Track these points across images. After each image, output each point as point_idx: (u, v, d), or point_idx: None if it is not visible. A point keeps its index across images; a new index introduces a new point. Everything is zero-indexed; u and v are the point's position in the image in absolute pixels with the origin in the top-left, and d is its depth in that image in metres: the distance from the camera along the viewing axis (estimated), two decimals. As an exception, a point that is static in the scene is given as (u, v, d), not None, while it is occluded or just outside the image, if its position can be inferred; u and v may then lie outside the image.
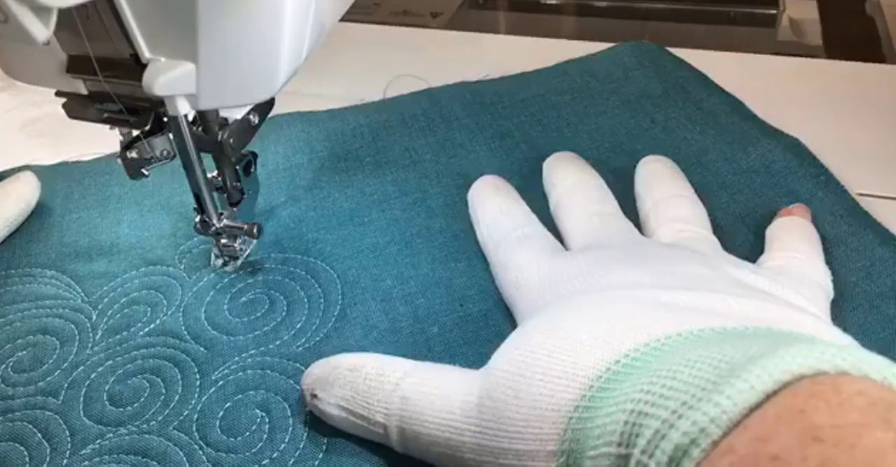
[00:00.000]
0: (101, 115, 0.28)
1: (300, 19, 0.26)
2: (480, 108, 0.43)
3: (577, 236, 0.31)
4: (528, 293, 0.28)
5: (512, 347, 0.24)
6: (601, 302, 0.24)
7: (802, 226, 0.32)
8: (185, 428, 0.28)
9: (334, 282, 0.34)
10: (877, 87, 0.45)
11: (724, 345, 0.18)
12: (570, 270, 0.27)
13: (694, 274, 0.26)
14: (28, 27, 0.20)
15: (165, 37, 0.25)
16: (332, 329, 0.32)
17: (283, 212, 0.38)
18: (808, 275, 0.29)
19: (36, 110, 0.48)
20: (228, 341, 0.32)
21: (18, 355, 0.32)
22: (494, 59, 0.47)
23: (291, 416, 0.28)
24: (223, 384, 0.30)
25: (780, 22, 0.58)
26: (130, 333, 0.32)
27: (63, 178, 0.41)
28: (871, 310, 0.30)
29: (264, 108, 0.32)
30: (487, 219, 0.33)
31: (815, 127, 0.39)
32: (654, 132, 0.41)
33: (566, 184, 0.34)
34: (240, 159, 0.33)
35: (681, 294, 0.23)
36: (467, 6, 0.65)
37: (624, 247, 0.29)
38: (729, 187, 0.36)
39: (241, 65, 0.26)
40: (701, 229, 0.31)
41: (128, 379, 0.30)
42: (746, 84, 0.43)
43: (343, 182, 0.39)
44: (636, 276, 0.25)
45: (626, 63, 0.46)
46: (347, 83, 0.47)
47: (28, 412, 0.30)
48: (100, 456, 0.28)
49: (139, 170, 0.31)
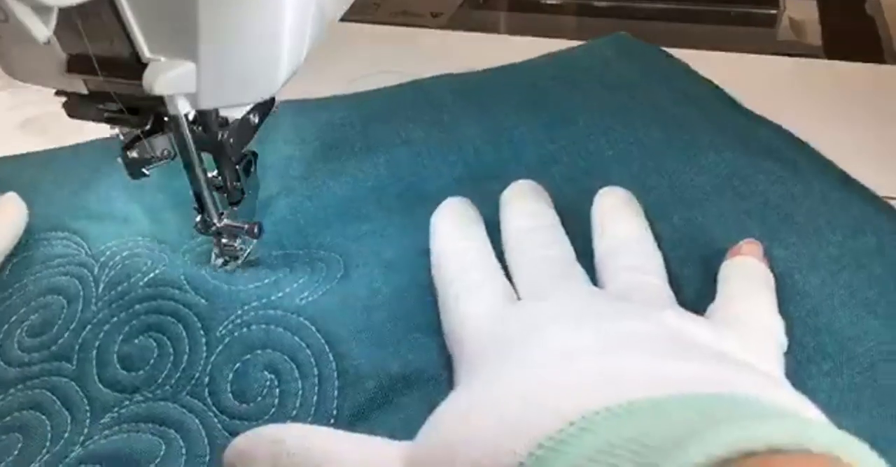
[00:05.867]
0: (101, 114, 0.28)
1: (300, 19, 0.26)
2: (466, 93, 0.43)
3: (523, 284, 0.30)
4: (468, 346, 0.27)
5: (438, 423, 0.23)
6: (527, 375, 0.23)
7: (752, 269, 0.30)
8: (197, 393, 0.29)
9: (336, 259, 0.34)
10: (877, 87, 0.45)
11: (652, 423, 0.18)
12: (511, 327, 0.27)
13: (638, 333, 0.25)
14: (28, 26, 0.20)
15: (165, 36, 0.25)
16: (336, 285, 0.32)
17: (280, 204, 0.37)
18: (757, 326, 0.28)
19: (36, 110, 0.48)
20: (229, 292, 0.31)
21: (31, 318, 0.32)
22: (494, 59, 0.47)
23: (300, 378, 0.29)
24: (229, 341, 0.30)
25: (780, 22, 0.58)
26: (131, 284, 0.32)
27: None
28: (857, 270, 0.30)
29: (264, 107, 0.32)
30: (441, 256, 0.32)
31: (815, 127, 0.39)
32: (639, 110, 0.40)
33: (517, 225, 0.33)
34: (240, 159, 0.33)
35: (617, 359, 0.22)
36: (467, 6, 0.65)
37: (569, 301, 0.28)
38: (712, 165, 0.36)
39: (241, 64, 0.26)
40: (652, 278, 0.30)
41: (134, 339, 0.31)
42: (746, 84, 0.43)
43: (336, 169, 0.39)
44: (577, 338, 0.24)
45: (606, 55, 0.46)
46: (347, 83, 0.47)
47: (45, 379, 0.30)
48: (118, 424, 0.28)
49: (139, 170, 0.31)
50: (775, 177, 0.35)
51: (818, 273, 0.30)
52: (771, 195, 0.34)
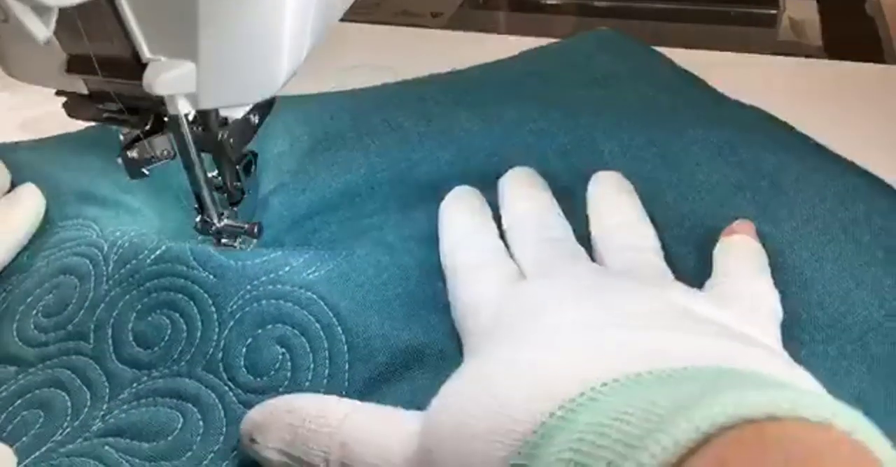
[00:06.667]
0: (101, 114, 0.28)
1: (300, 19, 0.26)
2: (453, 88, 0.43)
3: (527, 264, 0.31)
4: (476, 324, 0.28)
5: (451, 393, 0.24)
6: (540, 345, 0.24)
7: (747, 247, 0.31)
8: (212, 368, 0.29)
9: (337, 248, 0.34)
10: (877, 87, 0.45)
11: (659, 392, 0.18)
12: (520, 304, 0.27)
13: (641, 308, 0.25)
14: (28, 26, 0.20)
15: (165, 36, 0.25)
16: (342, 260, 0.32)
17: (274, 200, 0.37)
18: (755, 300, 0.28)
19: (36, 110, 0.48)
20: (236, 267, 0.31)
21: (46, 299, 0.32)
22: (494, 59, 0.47)
23: (311, 353, 0.29)
24: (240, 317, 0.30)
25: (780, 22, 0.58)
26: (139, 261, 0.32)
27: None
28: (846, 240, 0.31)
29: (264, 107, 0.32)
30: (449, 242, 0.33)
31: (815, 127, 0.39)
32: (623, 98, 0.41)
33: (518, 209, 0.34)
34: (240, 159, 0.33)
35: (625, 333, 0.23)
36: (467, 6, 0.65)
37: (573, 279, 0.29)
38: (702, 137, 0.36)
39: (241, 64, 0.26)
40: (651, 256, 0.31)
41: (147, 317, 0.31)
42: (746, 84, 0.43)
43: (327, 160, 0.39)
44: (582, 313, 0.25)
45: (589, 49, 0.46)
46: (347, 83, 0.47)
47: (64, 358, 0.31)
48: (137, 399, 0.29)
49: (139, 170, 0.31)
50: (764, 147, 0.35)
51: (808, 247, 0.31)
52: (762, 164, 0.34)
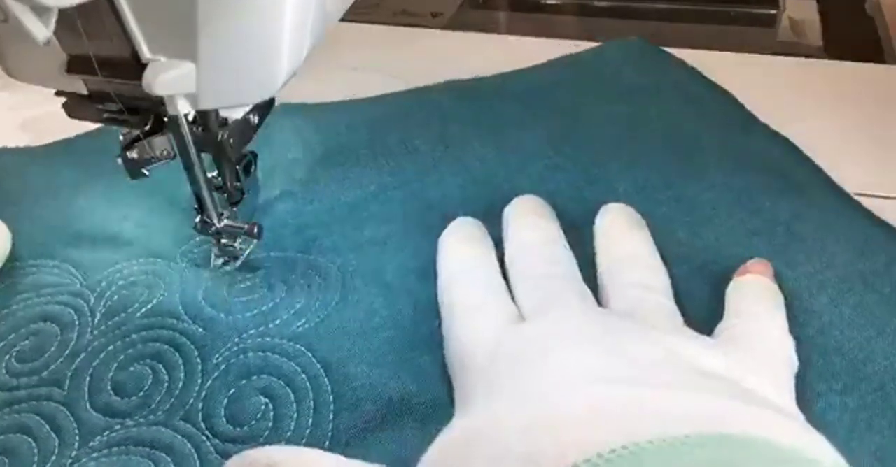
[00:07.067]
0: (101, 114, 0.28)
1: (300, 19, 0.26)
2: (474, 102, 0.43)
3: (527, 302, 0.29)
4: (472, 363, 0.27)
5: (442, 450, 0.22)
6: (541, 401, 0.22)
7: (761, 286, 0.30)
8: (191, 418, 0.28)
9: (335, 273, 0.34)
10: (877, 87, 0.45)
11: None
12: (514, 350, 0.26)
13: (646, 357, 0.24)
14: (28, 27, 0.20)
15: (165, 36, 0.25)
16: (332, 310, 0.32)
17: (281, 206, 0.37)
18: (769, 346, 0.27)
19: (36, 110, 0.48)
20: (226, 320, 0.31)
21: (21, 344, 0.32)
22: (494, 59, 0.47)
23: (296, 402, 0.28)
24: (225, 368, 0.30)
25: (780, 22, 0.58)
26: (128, 314, 0.32)
27: (73, 159, 0.41)
28: (865, 290, 0.30)
29: (264, 108, 0.32)
30: (447, 276, 0.32)
31: (815, 127, 0.39)
32: (647, 122, 0.40)
33: (524, 239, 0.32)
34: (240, 159, 0.33)
35: (628, 390, 0.22)
36: (467, 6, 0.65)
37: (573, 323, 0.27)
38: (720, 183, 0.36)
39: (241, 64, 0.26)
40: (659, 295, 0.29)
41: (129, 367, 0.30)
42: (746, 84, 0.43)
43: (340, 174, 0.39)
44: (584, 363, 0.24)
45: (614, 59, 0.46)
46: (347, 83, 0.47)
47: (34, 403, 0.30)
48: (108, 447, 0.28)
49: (139, 171, 0.31)
50: (783, 195, 0.35)
51: (826, 292, 0.30)
52: (779, 213, 0.34)
